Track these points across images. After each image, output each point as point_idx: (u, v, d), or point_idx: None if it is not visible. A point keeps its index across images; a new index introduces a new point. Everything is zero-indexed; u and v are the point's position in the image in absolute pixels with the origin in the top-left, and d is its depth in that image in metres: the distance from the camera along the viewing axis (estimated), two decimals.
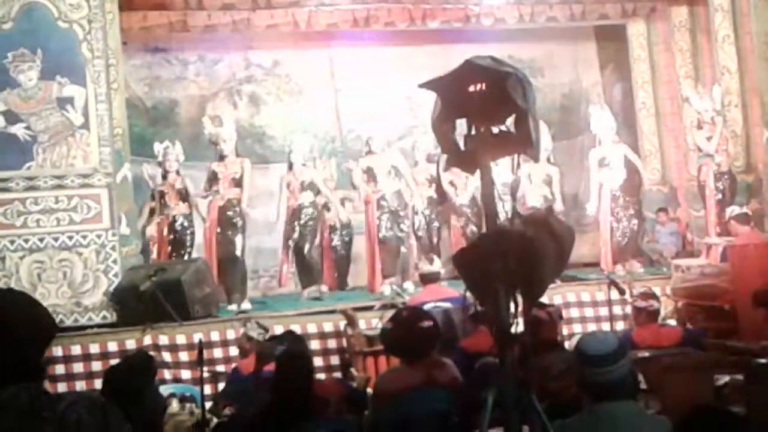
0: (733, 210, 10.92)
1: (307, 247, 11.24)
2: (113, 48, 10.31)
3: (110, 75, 10.11)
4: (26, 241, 9.51)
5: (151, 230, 11.43)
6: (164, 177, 11.22)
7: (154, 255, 11.32)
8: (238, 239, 10.88)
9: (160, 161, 11.27)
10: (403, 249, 11.45)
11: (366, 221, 11.63)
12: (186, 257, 10.91)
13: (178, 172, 11.22)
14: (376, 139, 11.49)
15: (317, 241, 11.57)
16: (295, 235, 11.23)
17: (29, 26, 9.65)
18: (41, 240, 9.53)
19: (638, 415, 3.47)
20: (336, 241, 12.49)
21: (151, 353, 8.79)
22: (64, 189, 9.62)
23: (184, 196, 11.17)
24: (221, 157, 10.95)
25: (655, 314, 7.72)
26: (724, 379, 6.60)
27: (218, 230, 10.88)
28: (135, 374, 4.03)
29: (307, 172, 11.44)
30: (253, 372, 5.66)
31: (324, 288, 11.39)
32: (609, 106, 12.93)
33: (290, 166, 11.42)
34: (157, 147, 11.44)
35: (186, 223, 11.19)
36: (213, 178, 10.95)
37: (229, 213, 10.88)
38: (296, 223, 11.25)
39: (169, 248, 11.10)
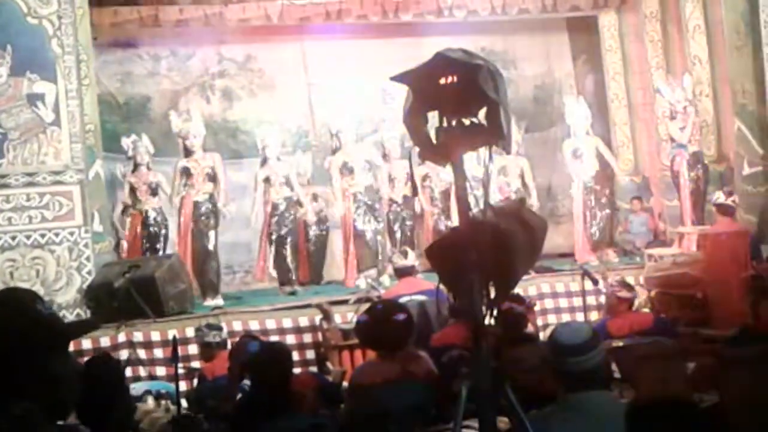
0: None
1: (284, 242, 11.25)
2: (84, 44, 10.24)
3: (81, 71, 10.04)
4: None
5: (125, 226, 11.37)
6: (134, 171, 11.16)
7: (126, 251, 11.26)
8: (212, 234, 10.84)
9: (130, 156, 11.21)
10: (378, 242, 11.46)
11: (342, 215, 11.62)
12: (160, 252, 10.87)
13: (148, 166, 11.17)
14: (344, 133, 11.49)
15: (294, 236, 11.57)
16: (274, 230, 11.23)
17: None
18: (13, 238, 9.46)
19: (612, 404, 3.49)
20: (311, 235, 12.47)
21: (126, 350, 8.82)
22: (36, 186, 9.54)
23: (155, 190, 11.13)
24: (188, 153, 10.87)
25: (629, 303, 7.80)
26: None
27: (192, 225, 10.82)
28: (101, 384, 3.98)
29: (283, 167, 11.44)
30: (228, 369, 5.64)
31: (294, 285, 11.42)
32: (582, 98, 13.00)
33: (264, 161, 11.39)
34: (125, 141, 11.39)
35: (159, 218, 11.15)
36: (186, 174, 10.87)
37: (203, 208, 10.84)
38: (275, 218, 11.25)
39: (143, 243, 11.05)
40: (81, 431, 2.29)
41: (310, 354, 9.47)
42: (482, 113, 3.47)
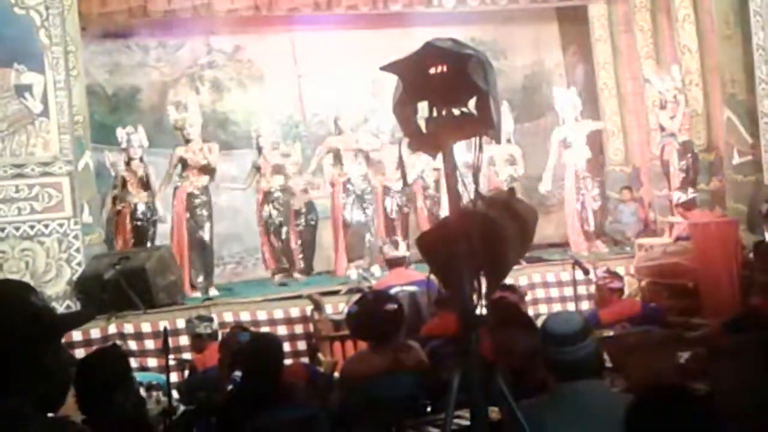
0: (679, 197, 11.00)
1: (278, 231, 11.28)
2: (72, 34, 10.18)
3: (69, 62, 10.00)
4: None
5: (115, 218, 11.32)
6: (127, 163, 11.10)
7: (118, 243, 11.21)
8: (207, 226, 10.84)
9: (123, 147, 11.14)
10: (368, 233, 11.45)
11: (332, 204, 11.61)
12: (149, 245, 10.83)
13: (141, 159, 11.11)
14: (343, 120, 11.49)
15: (287, 225, 11.59)
16: (268, 220, 11.26)
17: None
18: (2, 230, 9.43)
19: (604, 393, 3.50)
20: (302, 226, 12.46)
21: (117, 342, 8.80)
22: (25, 178, 9.51)
23: (146, 183, 11.08)
24: (187, 141, 10.87)
25: (619, 292, 7.82)
26: (686, 357, 6.66)
27: (187, 217, 10.80)
28: (106, 371, 3.97)
29: (275, 156, 11.46)
30: (219, 360, 5.64)
31: (293, 273, 11.43)
32: (573, 87, 13.00)
33: (260, 151, 11.41)
34: (120, 133, 11.33)
35: (148, 212, 11.09)
36: (183, 165, 10.85)
37: (198, 200, 10.82)
38: (268, 207, 11.27)
39: (132, 236, 11.00)
40: (71, 423, 2.26)
41: (302, 345, 9.47)
42: (472, 103, 3.46)
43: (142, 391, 7.05)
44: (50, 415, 2.22)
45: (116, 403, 3.85)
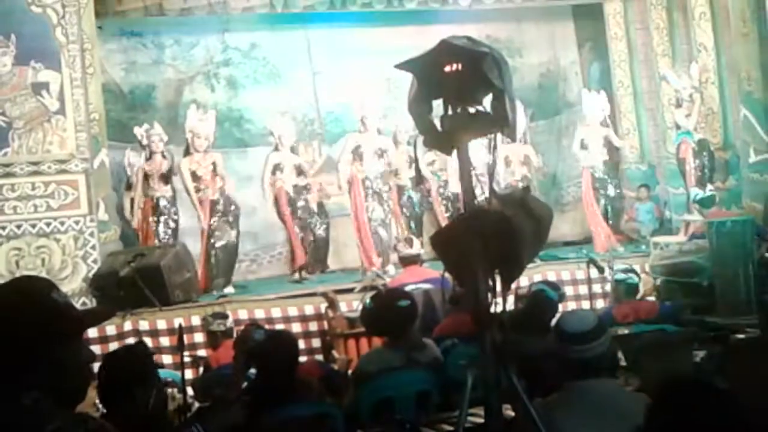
0: (696, 195, 10.97)
1: (294, 230, 11.32)
2: (88, 32, 10.23)
3: (85, 60, 10.05)
4: (3, 228, 9.45)
5: (137, 214, 11.35)
6: (149, 159, 11.11)
7: (139, 239, 11.25)
8: (233, 232, 10.86)
9: (144, 144, 11.18)
10: (385, 231, 11.43)
11: (352, 202, 11.53)
12: (171, 239, 10.86)
13: (163, 155, 11.12)
14: (369, 118, 11.42)
15: (304, 223, 11.61)
16: (289, 218, 11.31)
17: (1, 11, 9.55)
18: (18, 227, 9.47)
19: (617, 391, 3.50)
20: (316, 223, 12.46)
21: (132, 339, 8.83)
22: (41, 175, 9.56)
23: (168, 177, 11.10)
24: (188, 150, 10.84)
25: (635, 289, 7.79)
26: (702, 355, 6.64)
27: (212, 223, 10.79)
28: (130, 368, 3.99)
29: (293, 155, 11.48)
30: (233, 357, 5.64)
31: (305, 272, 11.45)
32: (586, 86, 12.96)
33: (276, 148, 11.41)
34: (138, 131, 11.39)
35: (170, 206, 11.11)
36: (193, 176, 10.85)
37: (220, 206, 10.82)
38: (288, 205, 11.31)
39: (155, 231, 11.02)
40: (92, 418, 2.28)
41: (316, 342, 9.48)
42: (487, 101, 3.46)
43: None
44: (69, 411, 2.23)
45: (138, 401, 3.87)
